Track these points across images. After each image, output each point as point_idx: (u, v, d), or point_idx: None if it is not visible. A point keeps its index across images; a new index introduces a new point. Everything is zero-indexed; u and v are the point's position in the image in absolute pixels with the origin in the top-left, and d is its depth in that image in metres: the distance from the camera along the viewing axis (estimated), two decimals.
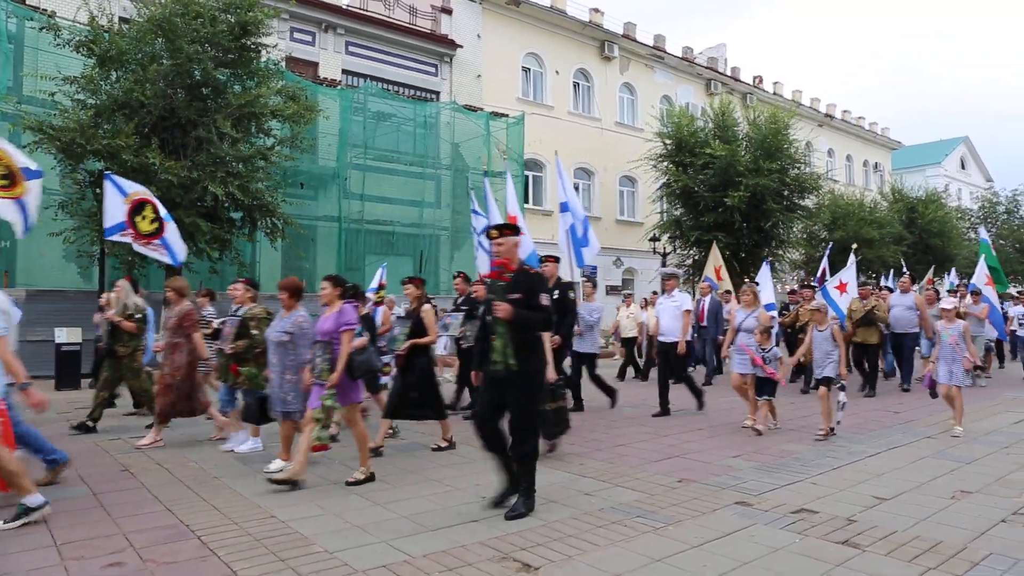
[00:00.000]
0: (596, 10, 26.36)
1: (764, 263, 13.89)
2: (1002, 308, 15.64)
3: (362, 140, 18.20)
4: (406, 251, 19.32)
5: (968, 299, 12.90)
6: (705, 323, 12.96)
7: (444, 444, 7.08)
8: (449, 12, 22.41)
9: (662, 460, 6.56)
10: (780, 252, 22.03)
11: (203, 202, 12.10)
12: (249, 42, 12.83)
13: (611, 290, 25.10)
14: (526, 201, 22.80)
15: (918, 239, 28.20)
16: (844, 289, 11.24)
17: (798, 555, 4.11)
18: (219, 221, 12.57)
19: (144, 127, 11.77)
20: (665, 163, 21.63)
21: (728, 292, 14.59)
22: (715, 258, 16.08)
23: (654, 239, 22.74)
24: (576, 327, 8.94)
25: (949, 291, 15.40)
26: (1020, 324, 13.73)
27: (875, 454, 6.79)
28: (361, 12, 20.62)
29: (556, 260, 8.29)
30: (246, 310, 6.99)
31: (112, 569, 3.89)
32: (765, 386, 7.83)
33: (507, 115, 21.52)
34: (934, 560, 4.00)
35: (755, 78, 34.07)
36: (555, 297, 7.42)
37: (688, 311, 9.16)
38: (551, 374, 5.72)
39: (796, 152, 21.05)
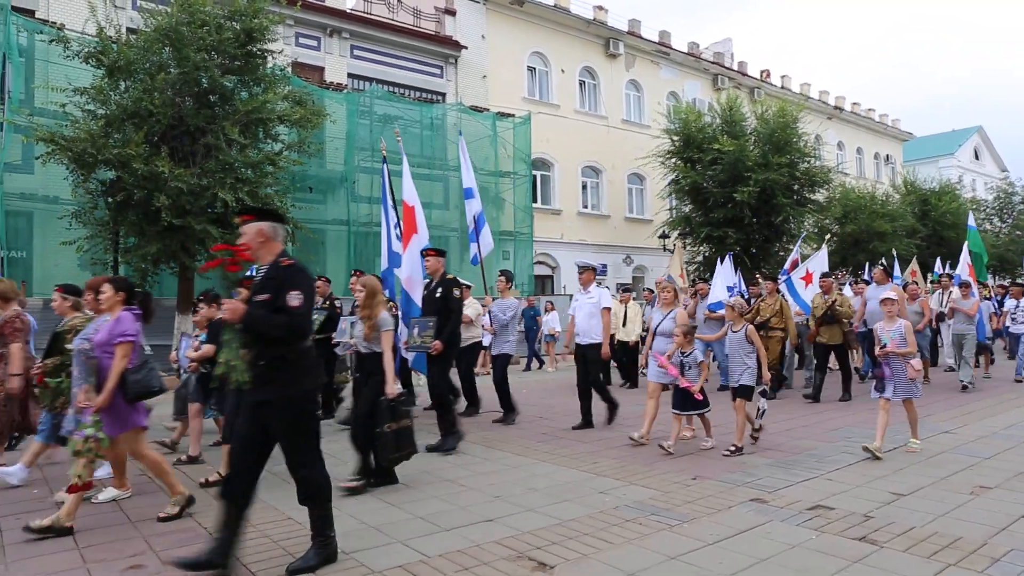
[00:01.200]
0: (600, 7, 26.31)
1: (727, 256, 13.42)
2: (996, 301, 14.91)
3: (369, 143, 18.24)
4: None
5: (955, 292, 11.98)
6: None
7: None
8: (453, 13, 22.44)
9: (676, 458, 6.54)
10: (791, 247, 21.90)
11: (213, 208, 12.16)
12: (255, 49, 12.89)
13: (623, 289, 25.04)
14: (534, 200, 22.79)
15: (932, 232, 27.97)
16: (811, 280, 10.71)
17: (815, 552, 4.09)
18: (230, 227, 12.62)
19: (153, 135, 11.85)
20: (673, 160, 21.56)
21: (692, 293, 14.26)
22: (679, 257, 15.79)
23: (664, 236, 22.69)
24: (488, 325, 8.57)
25: (934, 282, 14.69)
26: (1013, 319, 12.48)
27: (892, 449, 6.74)
28: (365, 16, 20.67)
29: (438, 253, 7.63)
30: (65, 321, 6.01)
31: (132, 571, 3.92)
32: (688, 399, 6.71)
33: (513, 115, 21.52)
34: (953, 556, 3.97)
35: (762, 72, 33.91)
36: (437, 295, 7.36)
37: (608, 308, 8.07)
38: (391, 388, 5.33)
39: (805, 146, 20.94)
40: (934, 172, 37.12)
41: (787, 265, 13.77)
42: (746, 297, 12.21)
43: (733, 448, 6.57)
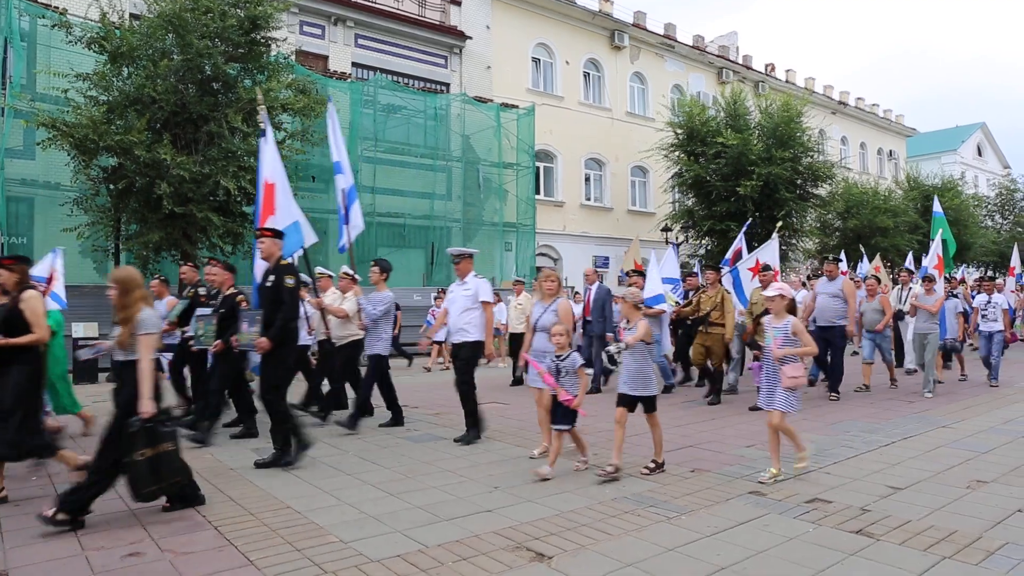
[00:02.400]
0: None
1: (671, 245, 12.85)
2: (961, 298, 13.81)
3: (372, 133, 18.22)
4: (417, 243, 19.36)
5: (917, 287, 10.85)
6: (591, 317, 10.64)
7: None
8: (458, 3, 22.35)
9: (675, 450, 6.55)
10: (793, 241, 21.90)
11: (215, 196, 12.17)
12: (259, 36, 12.88)
13: (516, 280, 24.86)
14: (537, 192, 22.76)
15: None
16: (758, 271, 9.77)
17: (812, 544, 4.10)
18: (231, 215, 12.65)
19: (156, 123, 11.86)
20: (677, 153, 21.53)
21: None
22: (635, 251, 15.16)
23: (666, 229, 22.66)
24: (359, 321, 7.74)
25: (909, 272, 13.40)
26: (984, 316, 11.22)
27: (890, 443, 6.75)
28: (370, 5, 20.61)
29: (274, 234, 6.49)
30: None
31: (132, 559, 3.94)
32: (557, 410, 5.64)
33: (517, 106, 21.47)
34: (949, 549, 3.98)
35: (767, 66, 33.79)
36: (269, 284, 6.16)
37: (488, 302, 7.07)
38: (145, 407, 4.47)
39: (809, 140, 20.89)
40: (937, 168, 36.98)
41: (729, 255, 12.65)
42: (680, 291, 11.18)
43: (653, 466, 5.68)
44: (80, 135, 11.12)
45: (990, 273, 19.37)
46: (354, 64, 20.19)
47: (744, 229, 13.64)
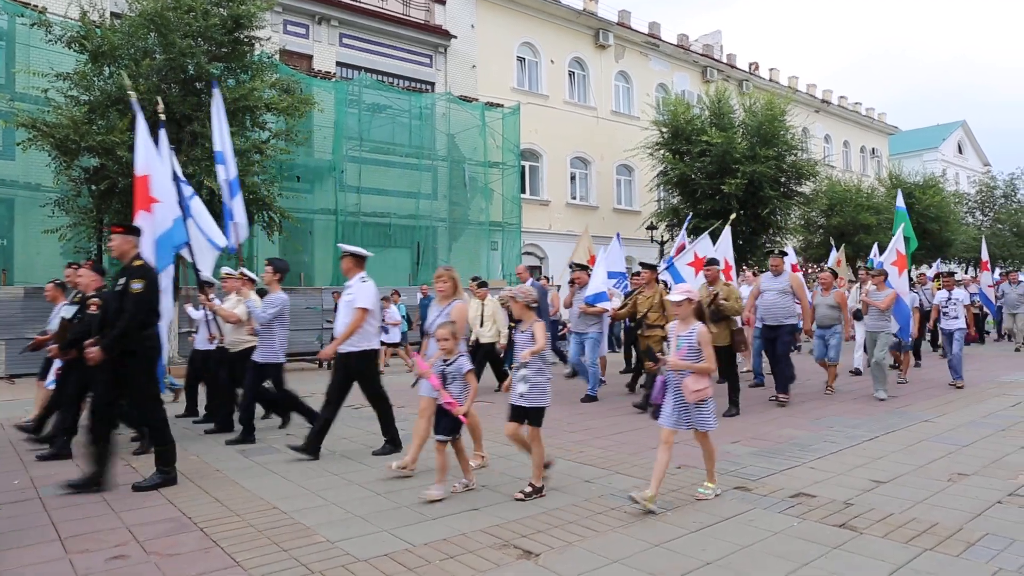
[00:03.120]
0: None
1: (615, 237, 11.94)
2: (922, 294, 13.55)
3: (357, 132, 18.16)
4: (403, 243, 19.32)
5: (868, 283, 10.10)
6: None
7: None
8: (443, 2, 22.32)
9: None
10: (778, 239, 22.06)
11: (199, 197, 12.07)
12: (242, 36, 12.79)
13: (477, 283, 24.94)
14: (523, 191, 22.78)
15: (916, 224, 28.09)
16: (700, 266, 9.10)
17: (796, 538, 4.14)
18: (216, 216, 12.54)
19: None
20: (662, 151, 21.62)
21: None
22: (585, 242, 14.37)
23: (651, 227, 22.75)
24: (248, 326, 7.17)
25: (867, 269, 12.46)
26: (944, 314, 10.68)
27: (873, 438, 6.83)
28: (354, 4, 20.52)
29: (126, 231, 5.75)
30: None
31: (116, 562, 3.91)
32: (442, 420, 5.09)
33: (502, 105, 21.48)
34: (930, 541, 4.04)
35: (751, 64, 33.99)
36: (118, 288, 5.50)
37: (364, 309, 6.26)
38: None
39: (793, 138, 21.03)
40: (919, 165, 37.37)
41: (673, 250, 11.91)
42: (627, 289, 10.50)
43: (529, 490, 4.95)
44: (61, 135, 11.00)
45: (960, 268, 19.57)
46: (339, 63, 20.11)
47: (686, 224, 13.04)
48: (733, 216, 12.23)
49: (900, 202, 13.39)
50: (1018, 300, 15.95)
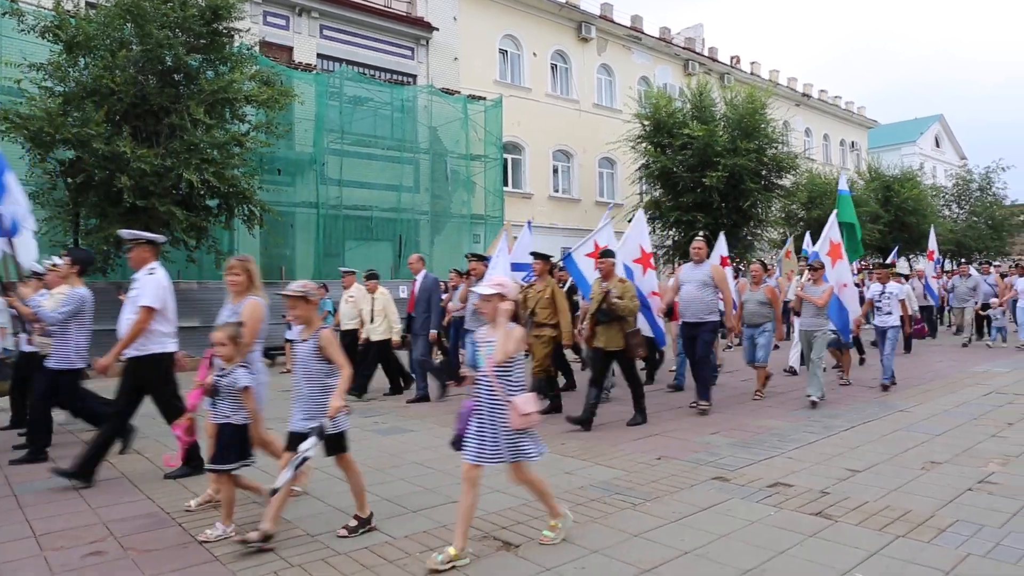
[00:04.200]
0: None
1: (527, 224, 10.74)
2: (861, 287, 12.52)
3: (339, 125, 18.03)
4: (385, 236, 19.24)
5: (803, 276, 9.45)
6: (414, 312, 9.12)
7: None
8: None
9: (641, 439, 6.64)
10: (759, 231, 22.23)
11: (178, 190, 11.96)
12: (221, 27, 12.64)
13: (367, 276, 24.84)
14: (505, 184, 22.76)
15: (894, 217, 28.52)
16: (597, 257, 7.88)
17: (773, 527, 4.20)
18: (195, 209, 12.44)
19: (115, 115, 11.59)
20: (644, 144, 21.65)
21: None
22: (506, 237, 12.82)
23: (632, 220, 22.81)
24: (38, 328, 6.27)
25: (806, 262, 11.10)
26: (878, 309, 9.65)
27: (850, 428, 6.93)
28: None
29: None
30: None
31: (93, 558, 3.89)
32: (217, 443, 4.24)
33: (485, 98, 21.41)
34: (903, 528, 4.11)
35: (732, 58, 34.11)
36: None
37: (149, 307, 5.28)
38: None
39: (773, 132, 21.15)
40: (897, 159, 37.79)
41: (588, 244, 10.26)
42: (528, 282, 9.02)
43: (355, 523, 4.21)
44: (35, 127, 10.83)
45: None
46: (319, 55, 19.93)
47: (608, 209, 11.51)
48: (613, 202, 11.09)
49: (843, 185, 12.00)
50: (967, 294, 15.26)
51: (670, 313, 8.93)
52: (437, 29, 22.14)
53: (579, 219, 25.85)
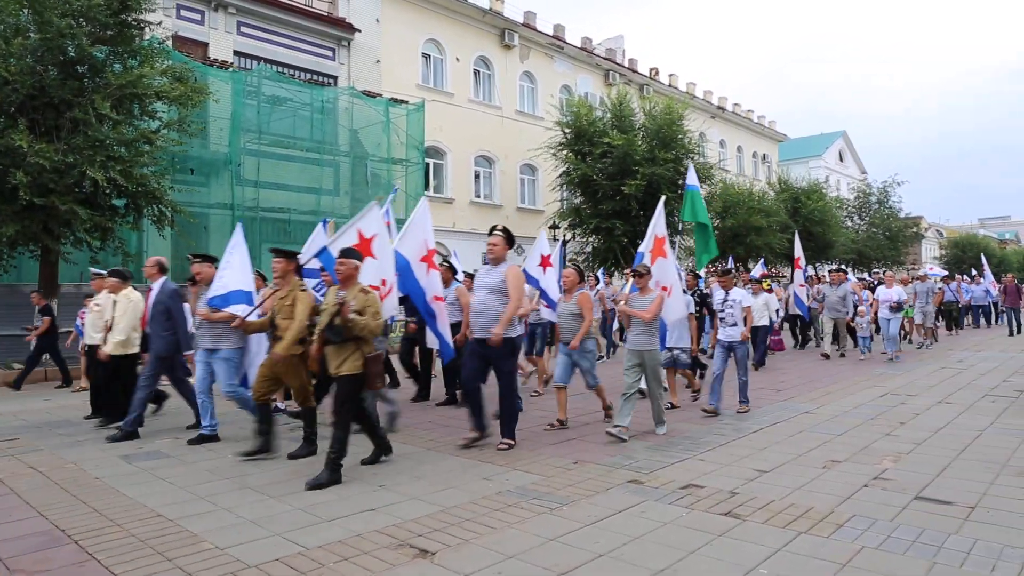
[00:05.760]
0: None
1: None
2: (699, 292, 10.77)
3: (256, 125, 17.52)
4: (303, 239, 18.64)
5: (626, 285, 7.83)
6: (148, 329, 7.58)
7: None
8: None
9: (560, 443, 6.71)
10: (675, 240, 22.87)
11: (81, 188, 11.35)
12: (130, 18, 12.11)
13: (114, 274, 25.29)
14: (427, 189, 22.64)
15: (802, 227, 29.92)
16: (369, 250, 6.65)
17: (684, 528, 4.32)
18: (100, 208, 11.83)
19: (10, 106, 10.92)
20: (565, 152, 22.01)
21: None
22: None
23: (554, 227, 23.11)
24: None
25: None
26: (721, 320, 8.27)
27: (759, 430, 7.21)
28: None
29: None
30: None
31: None
32: None
33: (407, 102, 21.26)
34: (805, 525, 4.31)
35: (651, 70, 35.05)
36: None
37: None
38: None
39: (690, 142, 21.89)
40: (804, 172, 39.73)
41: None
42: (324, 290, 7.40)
43: None
44: None
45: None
46: (236, 53, 19.34)
47: (392, 193, 9.76)
48: (397, 190, 7.62)
49: (691, 179, 10.59)
50: (839, 303, 14.00)
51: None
52: (359, 31, 21.86)
53: (503, 223, 26.01)
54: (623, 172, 20.23)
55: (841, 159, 55.71)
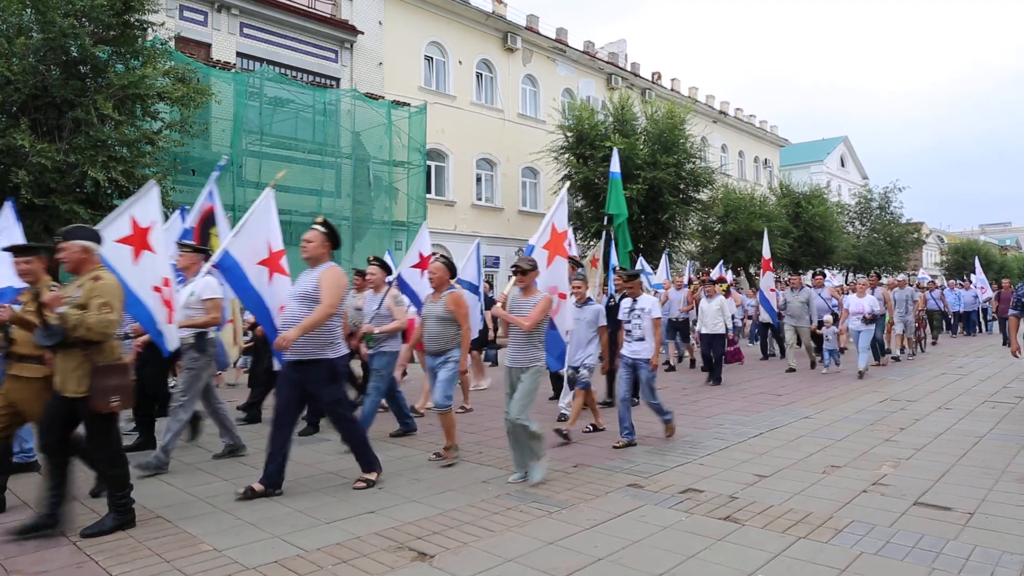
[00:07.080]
0: (500, 1, 26.42)
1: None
2: (609, 298, 8.92)
3: (258, 126, 17.54)
4: None
5: (510, 286, 5.88)
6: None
7: None
8: None
9: (559, 447, 6.70)
10: (676, 243, 22.92)
11: (83, 188, 11.36)
12: (132, 18, 12.10)
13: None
14: (428, 191, 22.67)
15: (803, 232, 29.93)
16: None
17: (684, 532, 4.32)
18: (101, 208, 11.82)
19: (11, 105, 10.92)
20: (566, 155, 22.04)
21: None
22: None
23: None
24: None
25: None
26: (627, 332, 6.97)
27: (758, 435, 7.20)
28: None
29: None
30: None
31: None
32: None
33: (409, 104, 21.28)
34: (804, 530, 4.30)
35: (654, 74, 35.07)
36: None
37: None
38: None
39: (692, 147, 21.92)
40: (806, 177, 39.71)
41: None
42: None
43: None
44: None
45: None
46: (239, 54, 19.35)
47: (215, 174, 8.47)
48: (280, 176, 7.76)
49: (614, 165, 9.84)
50: (800, 309, 12.58)
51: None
52: (362, 33, 21.88)
53: (502, 228, 25.99)
54: (624, 176, 20.20)
55: (842, 164, 55.70)
